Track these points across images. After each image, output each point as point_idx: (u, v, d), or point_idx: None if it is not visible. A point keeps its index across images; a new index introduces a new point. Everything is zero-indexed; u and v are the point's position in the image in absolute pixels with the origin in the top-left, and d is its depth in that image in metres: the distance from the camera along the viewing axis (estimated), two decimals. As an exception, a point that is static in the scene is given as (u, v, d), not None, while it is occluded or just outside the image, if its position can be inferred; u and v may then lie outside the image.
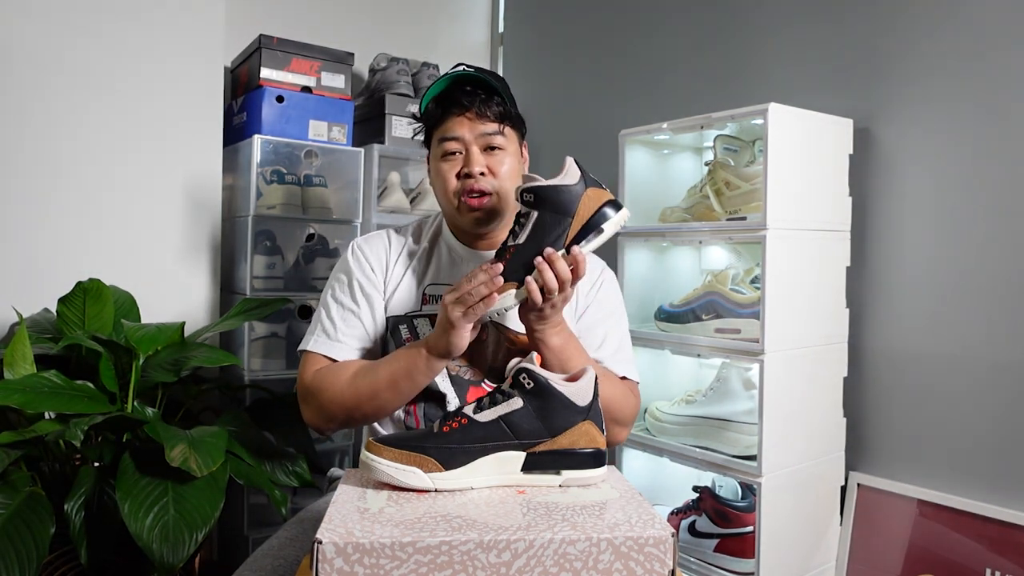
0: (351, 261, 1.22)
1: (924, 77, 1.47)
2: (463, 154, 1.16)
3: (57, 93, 1.76)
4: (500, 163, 1.16)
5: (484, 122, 1.15)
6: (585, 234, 1.00)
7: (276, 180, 1.97)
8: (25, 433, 1.33)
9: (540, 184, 1.00)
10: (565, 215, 0.99)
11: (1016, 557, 1.30)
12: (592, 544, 0.72)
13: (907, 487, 1.46)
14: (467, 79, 1.16)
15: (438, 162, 1.17)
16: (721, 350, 1.47)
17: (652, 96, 2.04)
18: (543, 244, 0.99)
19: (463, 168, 1.15)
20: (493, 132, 1.16)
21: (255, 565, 1.04)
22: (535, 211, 1.00)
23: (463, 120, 1.15)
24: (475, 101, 1.14)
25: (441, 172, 1.17)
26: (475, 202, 1.15)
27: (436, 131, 1.18)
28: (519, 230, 1.01)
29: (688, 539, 1.56)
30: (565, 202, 0.99)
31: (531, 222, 1.00)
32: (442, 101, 1.16)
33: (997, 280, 1.36)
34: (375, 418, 1.14)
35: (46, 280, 1.73)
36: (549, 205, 0.99)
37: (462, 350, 1.04)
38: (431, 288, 1.21)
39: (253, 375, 1.92)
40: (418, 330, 1.18)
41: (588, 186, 1.00)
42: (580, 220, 0.99)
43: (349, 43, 2.17)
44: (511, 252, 1.00)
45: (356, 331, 1.18)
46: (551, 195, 0.99)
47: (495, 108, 1.16)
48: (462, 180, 1.16)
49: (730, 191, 1.55)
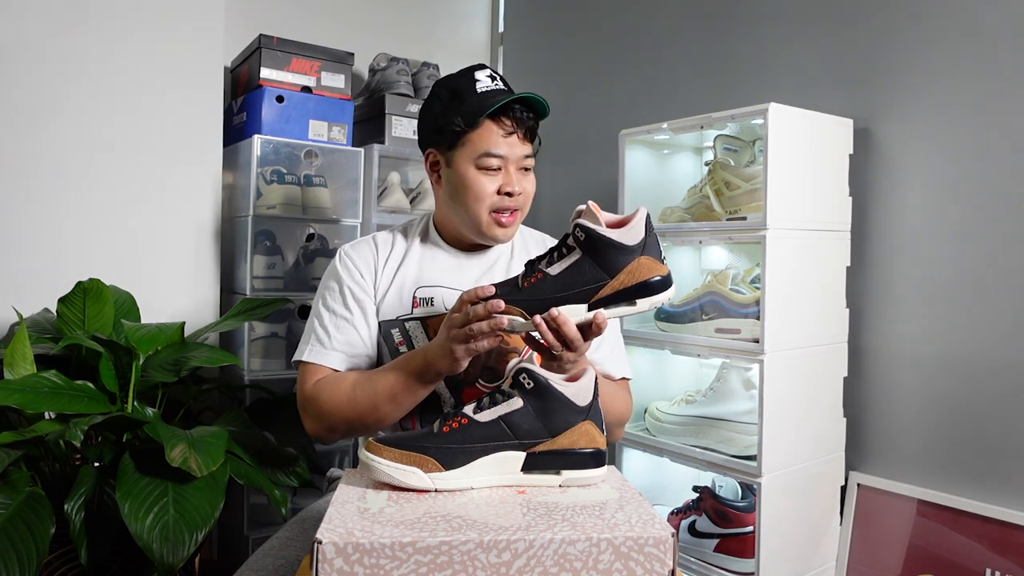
0: (340, 268, 1.23)
1: (924, 77, 1.47)
2: (501, 171, 1.16)
3: (57, 93, 1.76)
4: (530, 184, 1.20)
5: (525, 144, 1.17)
6: (616, 300, 0.91)
7: (276, 180, 1.97)
8: (25, 433, 1.33)
9: (596, 229, 0.90)
10: (605, 273, 0.91)
11: (1016, 557, 1.30)
12: (592, 544, 0.72)
13: (907, 487, 1.46)
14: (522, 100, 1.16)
15: (475, 172, 1.16)
16: (721, 350, 1.47)
17: (652, 96, 2.04)
18: (570, 290, 0.91)
19: (503, 186, 1.16)
20: (529, 155, 1.19)
21: (255, 565, 1.04)
22: (579, 251, 0.92)
23: (512, 140, 1.16)
24: (524, 123, 1.16)
25: (478, 183, 1.16)
26: (507, 220, 1.18)
27: (479, 143, 1.15)
28: (556, 258, 0.94)
29: (688, 539, 1.56)
30: (611, 261, 0.90)
31: (571, 261, 0.92)
32: (495, 113, 1.15)
33: (997, 280, 1.36)
34: (377, 428, 1.13)
35: (46, 280, 1.73)
36: (595, 254, 0.91)
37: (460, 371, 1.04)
38: (421, 291, 1.21)
39: (253, 375, 1.92)
40: (410, 333, 1.19)
41: (644, 253, 0.91)
42: (617, 285, 0.91)
43: (349, 43, 2.17)
44: (538, 276, 0.94)
45: (350, 338, 1.18)
46: (601, 247, 0.90)
47: (534, 131, 1.19)
48: (500, 197, 1.16)
49: (730, 191, 1.55)
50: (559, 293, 0.92)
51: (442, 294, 1.20)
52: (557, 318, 0.92)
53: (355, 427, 1.13)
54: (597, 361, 1.21)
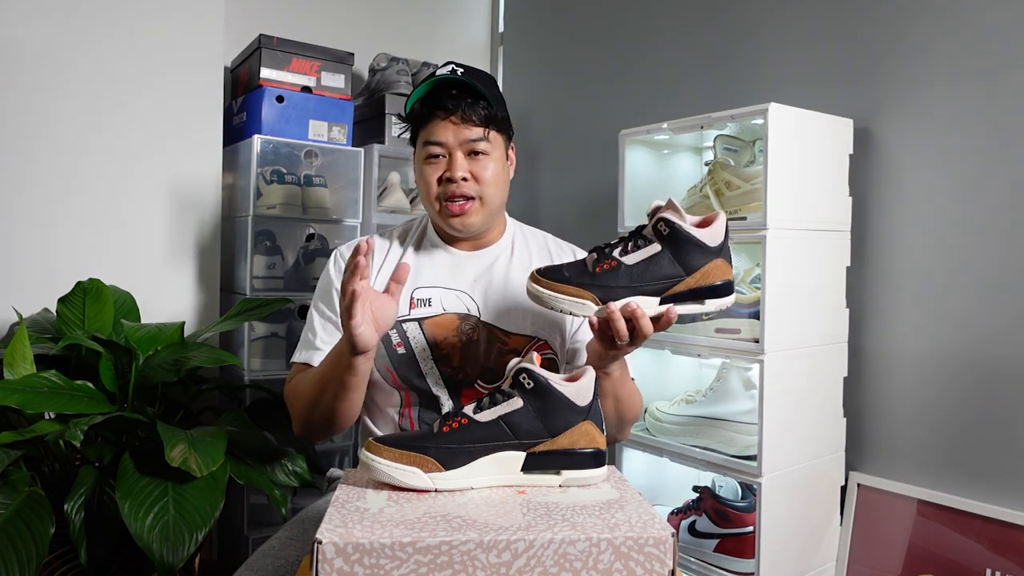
0: (332, 270, 1.23)
1: (924, 77, 1.47)
2: (446, 158, 1.15)
3: (56, 93, 1.76)
4: (484, 168, 1.15)
5: (469, 127, 1.14)
6: (687, 298, 0.92)
7: (276, 180, 1.97)
8: (25, 433, 1.33)
9: (683, 226, 0.91)
10: (684, 269, 0.92)
11: (1016, 557, 1.30)
12: (592, 544, 0.72)
13: (907, 487, 1.46)
14: (454, 82, 1.14)
15: (421, 164, 1.17)
16: (721, 350, 1.47)
17: (652, 96, 2.04)
18: (644, 282, 0.92)
19: (445, 173, 1.14)
20: (477, 138, 1.14)
21: (255, 565, 1.04)
22: (659, 244, 0.92)
23: (447, 124, 1.13)
24: (460, 105, 1.13)
25: (424, 175, 1.16)
26: (456, 208, 1.15)
27: (421, 133, 1.17)
28: (632, 248, 0.93)
29: (688, 539, 1.56)
30: (693, 259, 0.91)
31: (648, 251, 0.92)
32: (428, 103, 1.15)
33: (997, 280, 1.36)
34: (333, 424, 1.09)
35: (46, 280, 1.73)
36: (676, 250, 0.91)
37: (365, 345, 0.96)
38: (418, 292, 1.21)
39: (253, 375, 1.92)
40: (408, 334, 1.18)
41: (721, 256, 0.93)
42: (692, 283, 0.92)
43: (349, 43, 2.17)
44: (612, 264, 0.93)
45: (335, 339, 1.17)
46: (685, 244, 0.91)
47: (481, 112, 1.14)
48: (444, 185, 1.15)
49: (730, 191, 1.55)
50: (634, 284, 0.92)
51: (440, 295, 1.20)
52: (636, 311, 0.91)
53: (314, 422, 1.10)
54: None
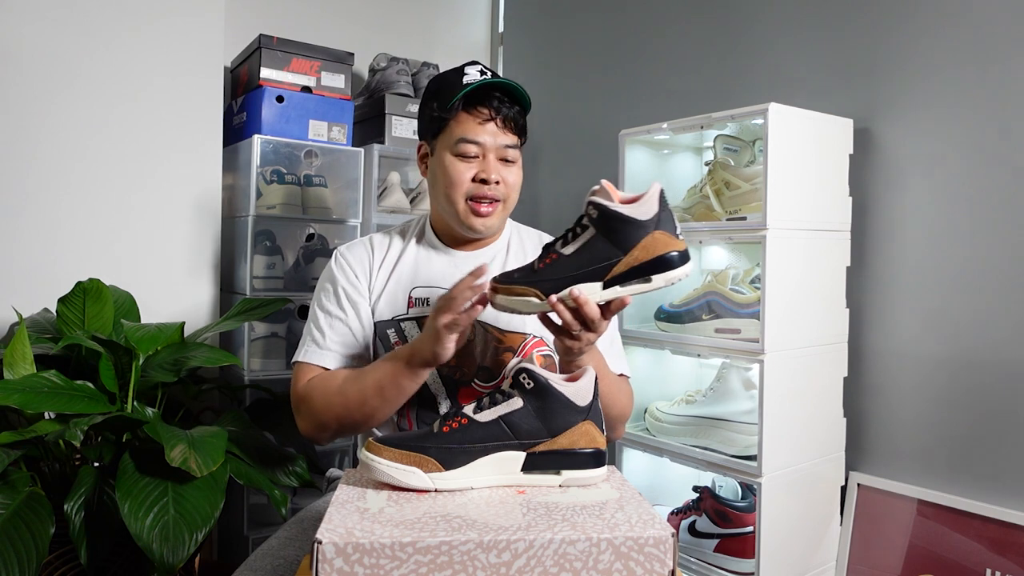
0: (335, 269, 1.23)
1: (924, 77, 1.47)
2: (479, 159, 1.15)
3: (56, 93, 1.76)
4: (512, 174, 1.17)
5: (507, 133, 1.16)
6: (630, 276, 0.90)
7: (276, 180, 1.97)
8: (25, 433, 1.33)
9: (608, 205, 0.90)
10: (618, 249, 0.90)
11: (1016, 557, 1.30)
12: (592, 544, 0.72)
13: (907, 487, 1.46)
14: (498, 86, 1.16)
15: (452, 159, 1.16)
16: (721, 350, 1.47)
17: (652, 96, 2.04)
18: (584, 269, 0.90)
19: (479, 173, 1.15)
20: (512, 144, 1.17)
21: (254, 565, 1.04)
22: (592, 228, 0.91)
23: (490, 127, 1.14)
24: (502, 111, 1.15)
25: (454, 170, 1.15)
26: (484, 208, 1.16)
27: (456, 129, 1.16)
28: (571, 238, 0.93)
29: (688, 539, 1.56)
30: (625, 236, 0.89)
31: (584, 239, 0.91)
32: (473, 102, 1.15)
33: (997, 280, 1.36)
34: (367, 426, 1.12)
35: (46, 280, 1.73)
36: (608, 230, 0.90)
37: (447, 358, 1.02)
38: (417, 291, 1.21)
39: (253, 375, 1.92)
40: (406, 333, 1.19)
41: (659, 227, 0.90)
42: (631, 261, 0.89)
43: (349, 43, 2.17)
44: (552, 258, 0.93)
45: (344, 338, 1.18)
46: (614, 222, 0.89)
47: (519, 121, 1.17)
48: (476, 184, 1.15)
49: (730, 191, 1.55)
50: (574, 272, 0.91)
51: (438, 294, 1.20)
52: (578, 298, 0.91)
53: (345, 424, 1.12)
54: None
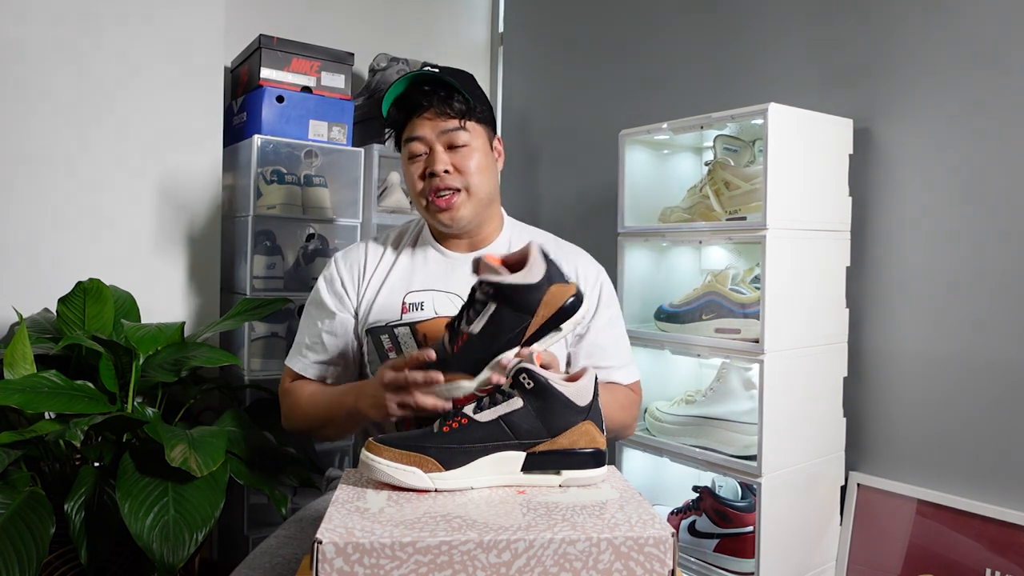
0: (324, 276, 1.27)
1: (924, 77, 1.47)
2: (427, 154, 1.16)
3: (56, 93, 1.76)
4: (466, 159, 1.15)
5: (445, 119, 1.15)
6: (543, 333, 0.95)
7: (276, 180, 1.97)
8: (25, 433, 1.33)
9: (501, 282, 0.93)
10: (525, 314, 0.93)
11: (1016, 557, 1.30)
12: (592, 544, 0.72)
13: (907, 487, 1.46)
14: (424, 79, 1.15)
15: (407, 163, 1.18)
16: (721, 350, 1.47)
17: (652, 96, 2.04)
18: (499, 340, 0.93)
19: (427, 168, 1.15)
20: (454, 129, 1.15)
21: (253, 564, 1.04)
22: (493, 304, 0.94)
23: (424, 120, 1.15)
24: (433, 99, 1.14)
25: (408, 174, 1.18)
26: (443, 201, 1.15)
27: (403, 133, 1.19)
28: (474, 316, 0.95)
29: (688, 539, 1.56)
30: (528, 300, 0.93)
31: (488, 314, 0.94)
32: (401, 103, 1.17)
33: (997, 280, 1.36)
34: (332, 437, 1.25)
35: (46, 280, 1.73)
36: (509, 300, 0.93)
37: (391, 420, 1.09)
38: (411, 296, 1.21)
39: (253, 375, 1.92)
40: (399, 340, 1.18)
41: (553, 282, 0.94)
42: (540, 319, 0.94)
43: (349, 43, 2.17)
44: (463, 339, 0.95)
45: (327, 346, 1.23)
46: (512, 293, 0.93)
47: (456, 105, 1.15)
48: (427, 180, 1.15)
49: (730, 191, 1.55)
50: (490, 347, 0.94)
51: (433, 298, 1.20)
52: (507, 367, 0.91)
53: (313, 430, 1.23)
54: (606, 373, 1.22)
